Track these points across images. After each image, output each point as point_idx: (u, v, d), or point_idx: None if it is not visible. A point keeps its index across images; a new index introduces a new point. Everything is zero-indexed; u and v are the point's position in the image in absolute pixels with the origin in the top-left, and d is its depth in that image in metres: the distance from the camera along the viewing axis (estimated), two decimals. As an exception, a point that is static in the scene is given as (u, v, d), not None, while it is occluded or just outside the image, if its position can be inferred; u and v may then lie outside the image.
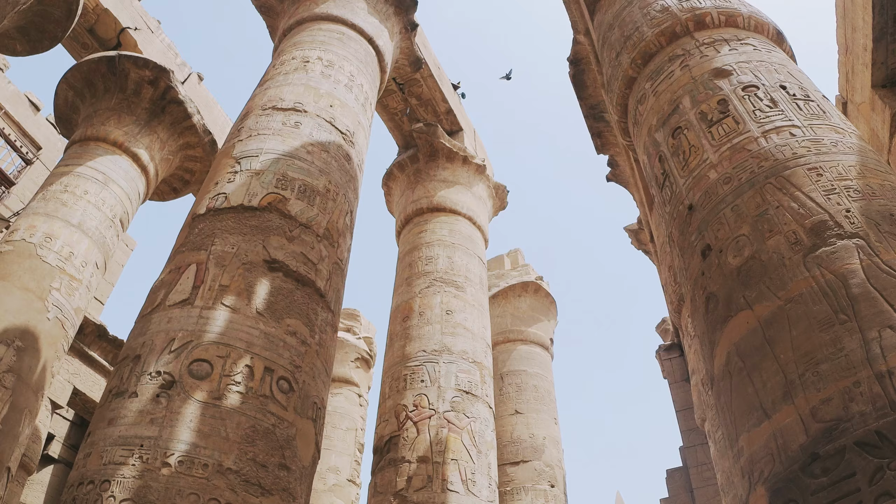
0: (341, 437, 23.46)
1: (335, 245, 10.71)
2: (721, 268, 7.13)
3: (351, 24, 15.37)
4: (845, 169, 7.15)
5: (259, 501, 7.35)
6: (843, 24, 17.59)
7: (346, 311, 27.49)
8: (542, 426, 22.66)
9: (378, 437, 14.66)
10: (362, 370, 26.21)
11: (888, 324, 5.54)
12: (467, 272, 17.79)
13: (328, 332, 9.77)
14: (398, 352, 15.85)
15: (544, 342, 25.63)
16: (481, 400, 15.23)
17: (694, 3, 10.53)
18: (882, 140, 17.09)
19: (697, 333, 7.66)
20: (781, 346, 6.01)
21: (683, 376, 24.56)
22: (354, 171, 12.33)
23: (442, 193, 19.68)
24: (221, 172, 10.96)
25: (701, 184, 8.02)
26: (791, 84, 8.64)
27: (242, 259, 9.30)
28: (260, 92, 12.93)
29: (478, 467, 13.99)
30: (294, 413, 8.36)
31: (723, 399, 6.72)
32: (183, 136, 18.32)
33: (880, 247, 6.16)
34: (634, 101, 10.41)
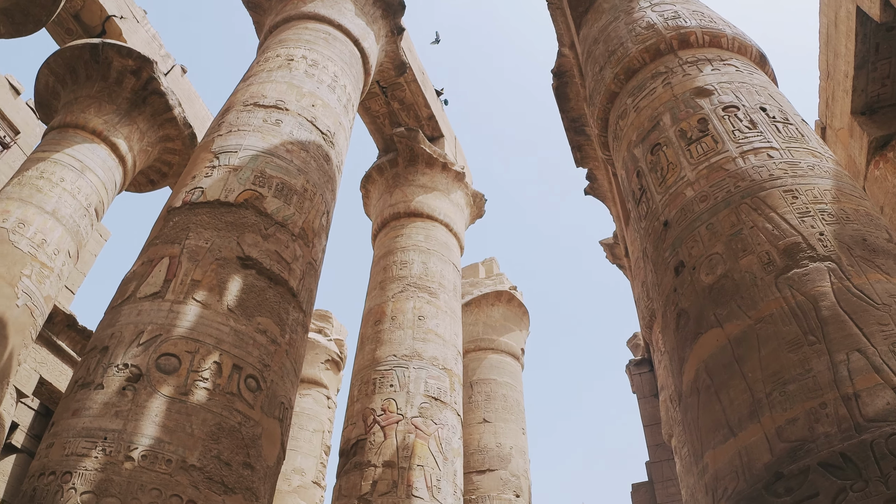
0: (308, 439, 23.34)
1: (310, 245, 10.66)
2: (693, 285, 7.17)
3: (337, 25, 15.35)
4: (821, 193, 7.22)
5: (222, 499, 7.29)
6: (826, 50, 17.79)
7: (319, 313, 27.39)
8: (510, 436, 22.65)
9: (345, 439, 14.60)
10: (332, 372, 26.11)
11: (856, 347, 5.59)
12: (441, 278, 17.79)
13: (299, 332, 9.73)
14: (368, 355, 15.80)
15: (515, 352, 25.65)
16: (450, 407, 15.20)
17: (679, 22, 10.60)
18: (859, 166, 17.28)
19: (667, 349, 7.69)
20: (750, 364, 6.04)
21: (652, 391, 24.68)
22: (333, 171, 12.29)
23: (420, 199, 19.67)
24: (199, 166, 10.89)
25: (677, 201, 8.07)
26: (771, 106, 8.71)
27: (216, 255, 9.24)
28: (243, 87, 12.87)
29: (443, 474, 13.97)
30: (261, 412, 8.30)
31: (690, 415, 6.74)
32: (163, 127, 18.20)
33: (852, 271, 6.22)
34: (615, 116, 10.45)
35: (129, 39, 18.53)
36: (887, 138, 16.64)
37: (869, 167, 16.93)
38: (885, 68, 16.62)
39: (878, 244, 6.60)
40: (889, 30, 15.87)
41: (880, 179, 16.48)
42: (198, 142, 16.94)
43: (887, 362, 5.42)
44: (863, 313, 5.82)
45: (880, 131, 16.76)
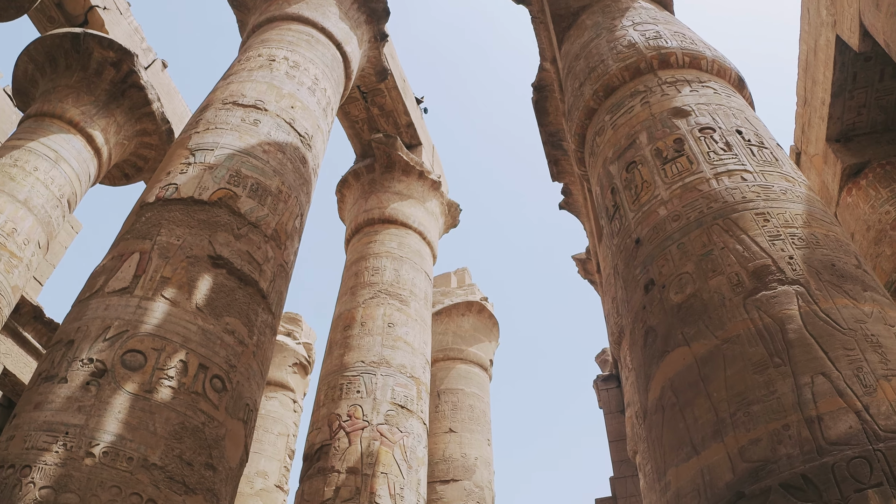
0: (272, 442, 23.18)
1: (282, 247, 10.62)
2: (662, 303, 7.21)
3: (321, 28, 15.33)
4: (792, 217, 7.29)
5: (182, 500, 7.23)
6: (805, 76, 18.00)
7: (288, 316, 27.26)
8: (476, 446, 22.66)
9: (309, 444, 14.52)
10: (299, 376, 25.98)
11: (821, 370, 5.65)
12: (413, 286, 17.77)
13: (267, 333, 9.68)
14: (336, 360, 15.73)
15: (484, 363, 25.69)
16: (416, 415, 15.17)
17: (661, 43, 10.68)
18: (832, 192, 17.48)
19: (634, 366, 7.73)
20: (715, 384, 6.08)
21: (619, 407, 24.76)
22: (309, 174, 12.26)
23: (395, 206, 19.66)
24: (175, 163, 10.82)
25: (650, 219, 8.12)
26: (747, 130, 8.80)
27: (187, 252, 9.18)
28: (222, 85, 12.81)
29: (407, 482, 13.92)
30: (225, 413, 8.25)
31: (654, 432, 6.77)
32: (140, 122, 18.08)
33: (819, 295, 6.28)
34: (593, 133, 10.51)
35: (112, 31, 18.39)
36: (860, 166, 16.86)
37: (841, 194, 17.14)
38: (861, 97, 16.85)
39: (847, 270, 6.67)
40: (867, 59, 16.08)
41: (852, 206, 16.67)
42: (175, 138, 16.85)
43: (851, 386, 5.48)
44: (829, 337, 5.89)
45: (854, 159, 16.98)
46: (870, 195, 16.15)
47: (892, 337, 6.00)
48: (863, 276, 6.73)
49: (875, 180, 16.26)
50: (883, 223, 15.45)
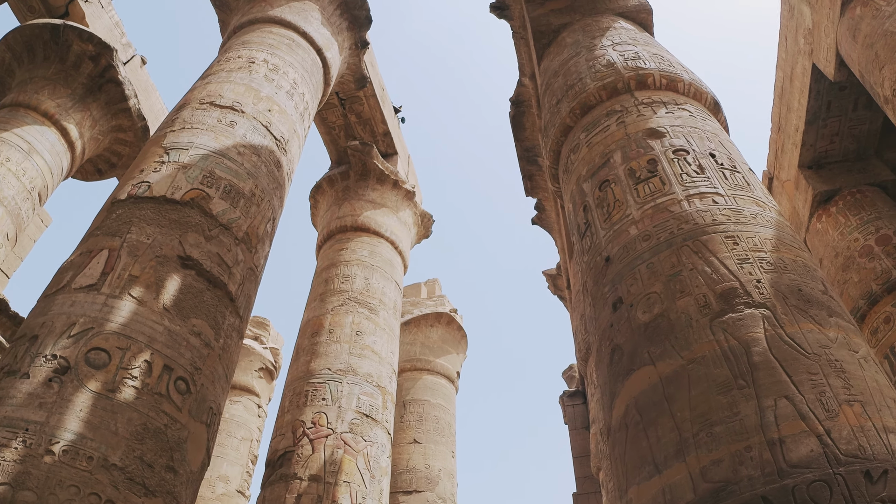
0: (235, 447, 22.99)
1: (253, 250, 10.57)
2: (630, 322, 7.24)
3: (302, 33, 15.31)
4: (761, 241, 7.36)
5: (141, 502, 7.15)
6: (780, 103, 18.21)
7: (256, 320, 27.11)
8: (440, 458, 22.63)
9: (272, 450, 14.42)
10: (265, 381, 25.83)
11: (784, 394, 5.69)
12: (382, 295, 17.74)
13: (234, 337, 9.62)
14: (303, 367, 15.65)
15: (451, 374, 25.69)
16: (381, 425, 15.13)
17: (639, 64, 10.76)
18: (802, 218, 17.67)
19: (600, 383, 7.75)
20: (679, 404, 6.11)
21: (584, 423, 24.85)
22: (283, 178, 12.22)
23: (368, 214, 19.63)
24: (148, 160, 10.74)
25: (621, 238, 8.16)
26: (720, 153, 8.88)
27: (157, 251, 9.10)
28: (200, 85, 12.75)
29: (369, 492, 13.87)
30: (188, 415, 8.18)
31: (617, 450, 6.79)
32: (116, 117, 17.94)
33: (785, 319, 6.34)
34: (568, 150, 10.55)
35: (92, 24, 18.26)
36: (831, 193, 17.07)
37: (812, 220, 17.33)
38: (835, 125, 17.06)
39: (813, 295, 6.74)
40: (842, 89, 16.31)
41: (821, 232, 16.86)
42: (150, 135, 16.74)
43: (813, 410, 5.53)
44: (793, 361, 5.94)
45: (825, 186, 17.20)
46: (839, 222, 16.36)
47: (855, 363, 6.06)
48: (829, 301, 6.80)
49: (845, 208, 16.47)
50: (851, 250, 15.64)
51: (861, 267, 15.20)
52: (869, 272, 14.97)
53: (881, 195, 16.64)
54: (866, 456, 5.24)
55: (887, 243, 15.12)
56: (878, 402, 5.74)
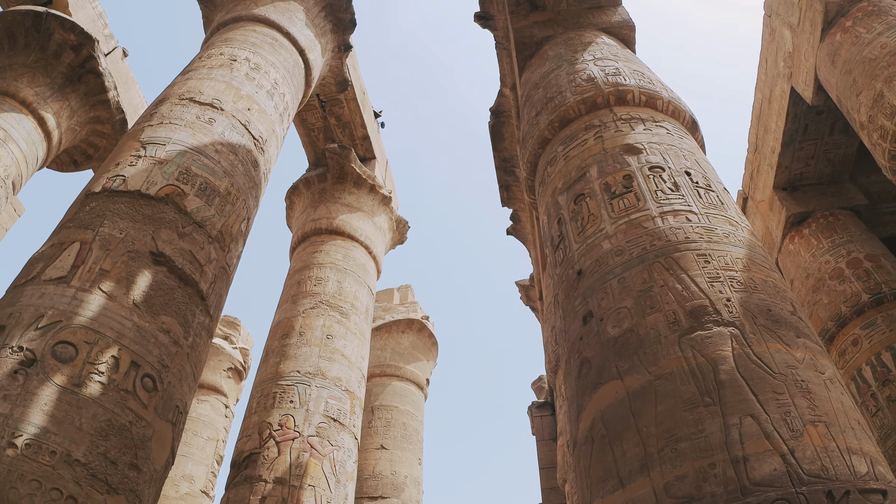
0: (201, 446, 22.81)
1: (226, 249, 10.51)
2: (599, 336, 7.26)
3: (286, 33, 15.28)
4: (732, 260, 7.41)
5: (103, 499, 7.08)
6: (758, 124, 18.39)
7: (227, 319, 26.94)
8: (406, 464, 22.59)
9: (238, 451, 14.32)
10: (233, 381, 25.66)
11: (750, 412, 5.73)
12: (355, 300, 17.69)
13: (203, 336, 9.55)
14: (272, 368, 15.57)
15: (420, 381, 25.67)
16: (348, 430, 15.07)
17: (619, 80, 10.82)
18: (775, 239, 17.84)
19: (568, 396, 7.76)
20: (645, 419, 6.13)
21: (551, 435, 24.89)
22: (260, 178, 12.17)
23: (343, 217, 19.59)
24: (125, 154, 10.67)
25: (593, 252, 8.19)
26: (696, 172, 8.94)
27: (129, 246, 9.04)
28: (181, 80, 12.68)
29: (334, 497, 13.80)
30: (154, 413, 8.11)
31: (582, 463, 6.81)
32: (95, 109, 17.78)
33: (753, 338, 6.38)
34: (545, 162, 10.59)
35: (75, 13, 18.08)
36: (804, 215, 17.25)
37: (784, 241, 17.50)
38: (810, 149, 17.25)
39: (782, 316, 6.79)
40: (819, 113, 16.50)
41: (794, 254, 17.02)
42: (128, 128, 16.62)
43: (778, 430, 5.57)
44: (760, 380, 5.98)
45: (799, 208, 17.38)
46: (811, 244, 16.53)
47: (821, 384, 6.11)
48: (797, 322, 6.85)
49: (818, 230, 16.64)
50: (822, 272, 15.81)
51: (831, 289, 15.37)
52: (839, 295, 15.13)
53: (854, 219, 16.84)
54: (829, 476, 5.29)
55: (858, 267, 15.29)
56: (843, 423, 5.79)
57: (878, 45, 13.20)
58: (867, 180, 17.73)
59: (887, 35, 13.24)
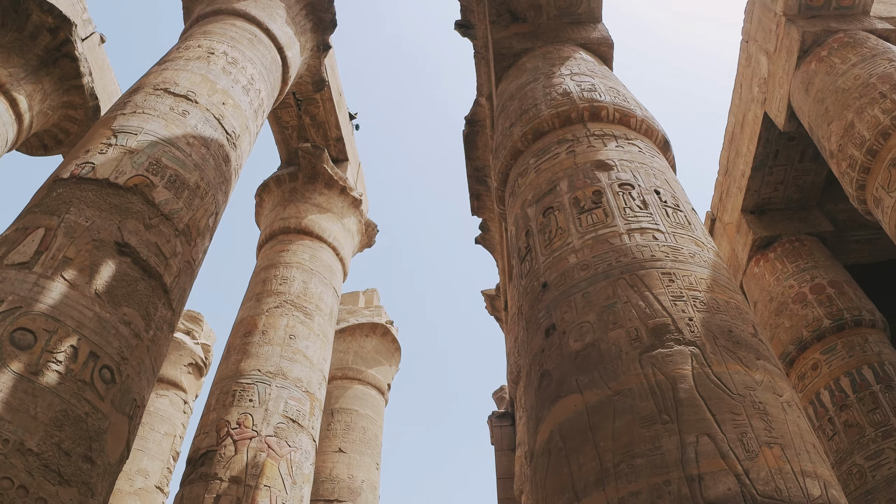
0: (158, 441, 22.59)
1: (192, 243, 10.44)
2: (561, 349, 7.28)
3: (265, 29, 15.24)
4: (697, 280, 7.46)
5: (55, 490, 6.99)
6: (729, 147, 18.60)
7: (190, 314, 26.75)
8: (364, 469, 22.54)
9: (195, 448, 14.20)
10: (194, 377, 25.48)
11: (707, 431, 5.76)
12: (320, 301, 17.62)
13: (164, 329, 9.47)
14: (233, 366, 15.46)
15: (381, 386, 25.63)
16: (307, 431, 15.00)
17: (595, 96, 10.88)
18: (740, 261, 18.03)
19: (527, 407, 7.77)
20: (603, 434, 6.15)
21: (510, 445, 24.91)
22: (230, 174, 12.11)
23: (312, 217, 19.51)
24: (95, 142, 10.57)
25: (559, 265, 8.21)
26: (665, 191, 9.00)
27: (94, 235, 8.94)
28: (157, 70, 12.59)
29: (290, 499, 13.72)
30: (111, 406, 8.02)
31: (538, 474, 6.81)
32: (68, 94, 17.58)
33: (714, 358, 6.42)
34: (516, 173, 10.62)
35: (54, -5, 17.88)
36: (771, 239, 17.46)
37: (750, 263, 17.70)
38: (780, 174, 17.47)
39: (743, 337, 6.84)
40: (790, 139, 16.74)
41: (758, 277, 17.20)
42: (101, 115, 16.47)
43: (734, 450, 5.60)
44: (718, 400, 6.01)
45: (765, 232, 17.60)
46: (776, 268, 16.72)
47: (779, 406, 6.16)
48: (758, 344, 6.91)
49: (783, 254, 16.85)
50: (785, 296, 16.00)
51: (794, 313, 15.55)
52: (801, 319, 15.31)
53: (819, 245, 17.07)
54: (782, 498, 5.32)
55: (821, 292, 15.48)
56: (798, 446, 5.83)
57: (852, 77, 13.42)
58: (834, 208, 17.99)
59: (861, 67, 13.46)
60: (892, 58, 13.40)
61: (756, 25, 16.68)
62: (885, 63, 13.28)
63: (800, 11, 15.23)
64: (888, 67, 13.11)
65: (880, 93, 12.67)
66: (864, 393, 13.61)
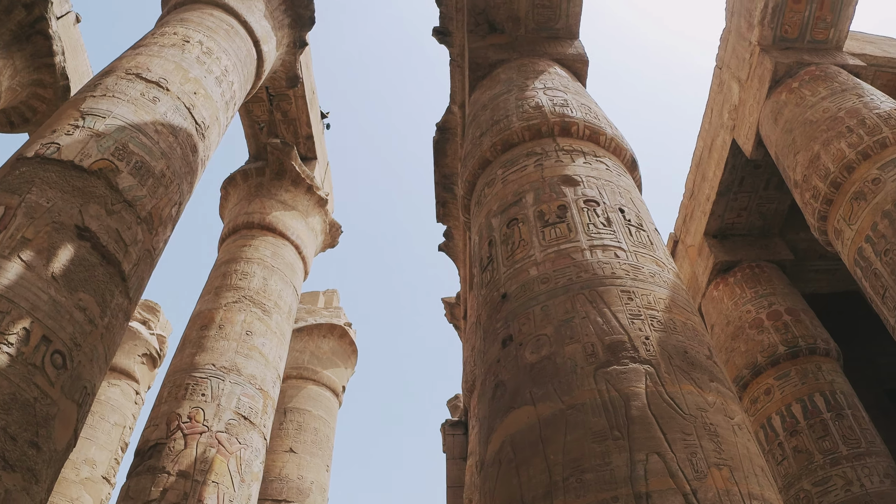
0: (107, 431, 22.26)
1: (153, 232, 10.32)
2: (517, 360, 7.28)
3: (243, 21, 15.16)
4: (656, 300, 7.52)
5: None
6: (696, 171, 18.80)
7: (147, 304, 26.45)
8: (314, 470, 22.41)
9: (144, 440, 14.00)
10: (147, 367, 25.18)
11: (657, 450, 5.79)
12: (279, 298, 17.49)
13: (120, 318, 9.35)
14: (187, 359, 15.28)
15: (336, 388, 25.54)
16: (258, 429, 14.87)
17: (566, 111, 10.94)
18: (700, 284, 18.21)
19: (480, 417, 7.78)
20: (554, 447, 6.16)
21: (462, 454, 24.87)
22: (197, 164, 12.01)
23: (277, 214, 19.39)
24: (62, 122, 10.43)
25: (520, 277, 8.23)
26: (629, 210, 9.07)
27: (55, 217, 8.81)
28: (130, 55, 12.46)
29: (238, 496, 13.59)
30: (60, 392, 7.90)
31: (488, 484, 6.81)
32: (39, 71, 17.33)
33: (668, 378, 6.46)
34: (483, 183, 10.64)
35: (32, -30, 17.62)
36: (731, 264, 17.68)
37: (709, 287, 17.90)
38: (744, 200, 17.71)
39: (698, 359, 6.90)
40: (756, 167, 16.98)
41: (717, 300, 17.39)
42: (71, 96, 16.26)
43: (683, 469, 5.63)
44: (669, 420, 6.05)
45: (726, 256, 17.82)
46: (735, 293, 16.93)
47: (730, 429, 6.21)
48: (712, 367, 6.97)
49: (742, 279, 17.07)
50: (742, 321, 16.20)
51: (750, 338, 15.75)
52: (756, 344, 15.52)
53: (778, 273, 17.31)
54: (730, 519, 5.38)
55: (777, 319, 15.70)
56: (747, 468, 5.88)
57: (821, 109, 13.66)
58: (796, 237, 18.26)
59: (830, 100, 13.71)
60: (861, 94, 13.65)
61: (730, 53, 16.90)
62: (853, 98, 13.53)
63: (774, 42, 15.48)
64: (857, 103, 13.36)
65: (847, 127, 12.91)
66: (814, 420, 13.82)
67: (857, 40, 17.12)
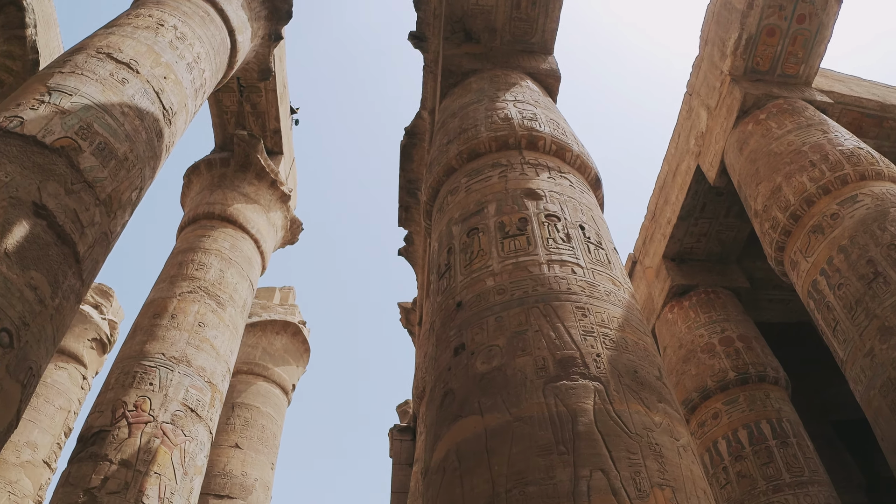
0: (51, 415, 21.90)
1: (111, 215, 10.19)
2: (467, 369, 7.28)
3: (219, 9, 15.05)
4: (609, 318, 7.56)
5: (-66, 452, 6.73)
6: (659, 194, 18.97)
7: (100, 287, 26.09)
8: (258, 467, 22.26)
9: (87, 426, 13.79)
10: (96, 352, 24.84)
11: (601, 467, 5.81)
12: (234, 292, 17.35)
13: (71, 300, 9.21)
14: (137, 346, 15.09)
15: (287, 386, 25.40)
16: (204, 422, 14.72)
17: (535, 125, 11.00)
18: (655, 305, 18.37)
19: (427, 424, 7.76)
20: (499, 458, 6.16)
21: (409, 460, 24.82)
22: (161, 150, 11.89)
23: (238, 206, 19.26)
24: (28, 96, 10.26)
25: (476, 286, 8.24)
26: (590, 227, 9.12)
27: (12, 192, 8.64)
28: (103, 34, 12.32)
29: (179, 489, 13.44)
30: (5, 371, 7.75)
31: (431, 492, 6.79)
32: (9, 43, 17.03)
33: (616, 396, 6.50)
34: (447, 190, 10.65)
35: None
36: (687, 288, 17.85)
37: (664, 309, 18.05)
38: (704, 226, 17.90)
39: (647, 379, 6.94)
40: (719, 194, 17.19)
41: (671, 323, 17.54)
42: (39, 70, 16.02)
43: (626, 487, 5.66)
44: (616, 437, 6.08)
45: (683, 280, 17.98)
46: (689, 316, 17.09)
47: (675, 450, 6.26)
48: (661, 388, 7.01)
49: (697, 304, 17.24)
50: (695, 345, 16.36)
51: (701, 362, 15.90)
52: (707, 368, 15.67)
53: (733, 300, 17.51)
54: (672, 540, 5.42)
55: (729, 345, 15.89)
56: (689, 490, 5.93)
57: (786, 142, 13.88)
58: (752, 265, 18.50)
59: (795, 134, 13.93)
60: (827, 130, 13.89)
61: (701, 80, 17.09)
62: (818, 133, 13.76)
63: (745, 73, 15.69)
64: (821, 138, 13.59)
65: (810, 161, 13.13)
66: (760, 446, 13.99)
67: (826, 77, 17.40)
